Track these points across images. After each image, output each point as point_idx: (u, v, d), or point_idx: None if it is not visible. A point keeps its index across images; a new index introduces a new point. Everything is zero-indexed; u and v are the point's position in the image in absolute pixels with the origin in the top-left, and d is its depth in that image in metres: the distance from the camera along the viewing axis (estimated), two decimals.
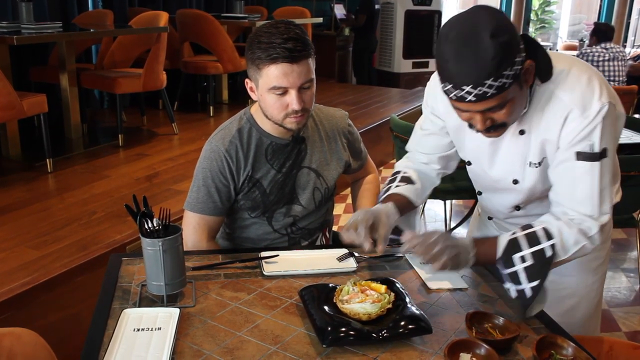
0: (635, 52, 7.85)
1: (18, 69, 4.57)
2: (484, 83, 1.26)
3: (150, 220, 1.41)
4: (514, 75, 1.28)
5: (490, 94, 1.28)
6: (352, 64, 8.59)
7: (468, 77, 1.27)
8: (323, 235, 1.97)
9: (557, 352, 1.24)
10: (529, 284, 1.37)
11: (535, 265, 1.37)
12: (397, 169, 1.79)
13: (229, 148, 1.74)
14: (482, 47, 1.24)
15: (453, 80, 1.30)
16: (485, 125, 1.38)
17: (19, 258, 2.56)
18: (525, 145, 1.49)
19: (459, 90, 1.30)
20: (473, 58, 1.25)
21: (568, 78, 1.40)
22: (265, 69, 1.60)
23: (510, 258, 1.40)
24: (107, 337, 1.27)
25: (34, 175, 3.72)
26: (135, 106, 5.53)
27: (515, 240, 1.41)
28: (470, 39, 1.26)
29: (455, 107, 1.39)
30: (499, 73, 1.25)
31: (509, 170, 1.56)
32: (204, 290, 1.49)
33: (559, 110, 1.40)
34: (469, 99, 1.30)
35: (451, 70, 1.29)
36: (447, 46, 1.29)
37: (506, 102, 1.32)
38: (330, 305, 1.34)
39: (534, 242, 1.39)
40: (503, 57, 1.24)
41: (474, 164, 1.65)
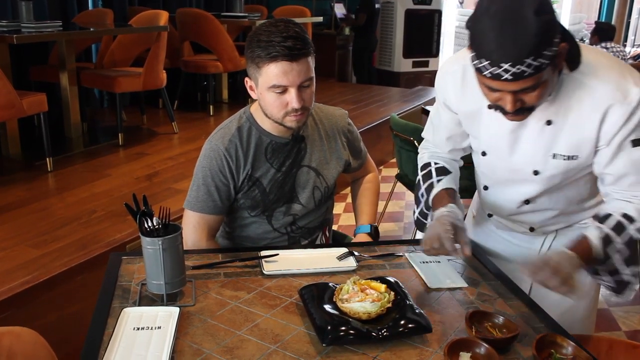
0: (636, 51, 7.85)
1: (18, 68, 4.57)
2: (524, 61, 1.22)
3: (150, 219, 1.41)
4: (551, 56, 1.24)
5: (527, 73, 1.23)
6: (352, 63, 8.59)
7: (508, 53, 1.22)
8: (323, 234, 1.97)
9: (557, 351, 1.23)
10: (627, 268, 1.42)
11: (630, 252, 1.42)
12: (425, 161, 1.77)
13: (229, 147, 1.74)
14: (526, 23, 1.19)
15: (491, 57, 1.24)
16: (515, 107, 1.33)
17: (19, 257, 2.56)
18: (551, 136, 1.46)
19: (496, 68, 1.24)
20: (515, 34, 1.20)
21: (599, 69, 1.38)
22: (264, 68, 1.60)
23: (606, 253, 1.41)
24: (107, 336, 1.27)
25: (33, 175, 3.72)
26: (135, 105, 5.53)
27: (606, 237, 1.41)
28: (513, 14, 1.21)
29: (486, 86, 1.33)
30: (539, 52, 1.21)
31: (530, 160, 1.52)
32: (203, 289, 1.49)
33: (595, 104, 1.37)
34: (505, 77, 1.25)
35: (490, 45, 1.23)
36: (487, 20, 1.24)
37: (540, 84, 1.28)
38: (330, 304, 1.34)
39: (622, 230, 1.41)
40: (545, 36, 1.21)
41: (490, 154, 1.60)
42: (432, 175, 1.70)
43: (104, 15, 5.07)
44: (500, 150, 1.57)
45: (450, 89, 1.58)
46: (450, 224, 1.49)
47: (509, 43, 1.21)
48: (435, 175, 1.70)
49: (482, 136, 1.60)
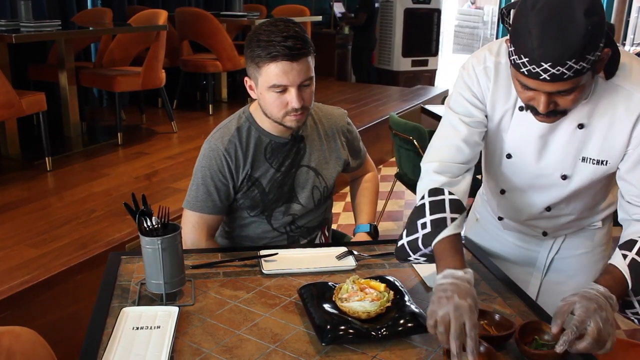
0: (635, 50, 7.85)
1: (17, 67, 4.56)
2: (566, 63, 1.15)
3: (149, 218, 1.41)
4: (593, 61, 1.18)
5: (567, 75, 1.17)
6: (351, 62, 8.59)
7: (551, 53, 1.16)
8: (322, 234, 1.97)
9: (540, 337, 1.25)
10: None
11: None
12: (435, 184, 1.45)
13: (228, 147, 1.74)
14: (574, 23, 1.13)
15: (532, 55, 1.18)
16: (548, 109, 1.26)
17: (18, 256, 2.56)
18: (582, 140, 1.40)
19: (535, 66, 1.18)
20: (561, 34, 1.14)
21: (632, 72, 1.32)
22: (264, 67, 1.60)
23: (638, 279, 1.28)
24: (106, 336, 1.27)
25: (33, 174, 3.72)
26: (134, 104, 5.53)
27: (634, 262, 1.29)
28: (561, 12, 1.15)
29: (521, 83, 1.27)
30: (583, 55, 1.15)
31: (559, 165, 1.45)
32: (203, 288, 1.49)
33: (629, 108, 1.32)
34: (543, 77, 1.19)
35: (533, 43, 1.17)
36: (532, 16, 1.17)
37: (576, 88, 1.22)
38: (330, 304, 1.34)
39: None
40: (591, 39, 1.14)
41: (516, 157, 1.50)
42: (446, 208, 1.40)
43: (103, 14, 5.06)
44: (527, 154, 1.48)
45: (483, 85, 1.46)
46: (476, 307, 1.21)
47: (552, 42, 1.15)
48: (449, 210, 1.39)
49: (509, 138, 1.50)
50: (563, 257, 1.68)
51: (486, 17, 15.39)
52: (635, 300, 1.29)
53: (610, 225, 1.70)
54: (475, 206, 1.89)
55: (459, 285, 1.23)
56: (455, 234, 1.37)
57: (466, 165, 1.49)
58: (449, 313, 1.16)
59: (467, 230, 1.91)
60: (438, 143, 1.52)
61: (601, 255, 1.68)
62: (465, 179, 1.48)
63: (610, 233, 1.71)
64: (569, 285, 1.64)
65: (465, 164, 1.48)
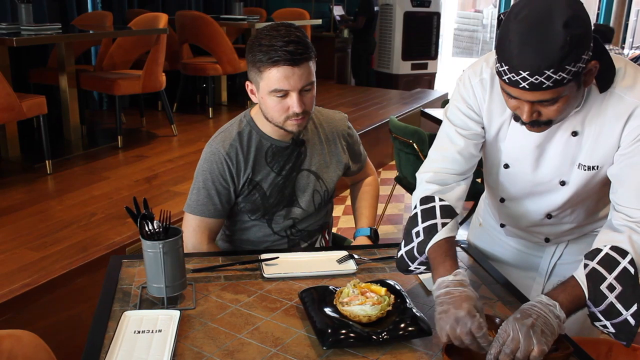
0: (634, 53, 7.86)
1: (17, 70, 4.57)
2: (544, 72, 1.18)
3: (150, 222, 1.41)
4: (575, 73, 1.19)
5: (546, 85, 1.19)
6: (350, 65, 8.60)
7: (529, 62, 1.18)
8: (322, 237, 1.97)
9: None
10: (627, 311, 1.24)
11: (626, 290, 1.24)
12: (427, 192, 1.49)
13: (229, 151, 1.74)
14: (552, 34, 1.16)
15: (511, 63, 1.20)
16: (531, 118, 1.28)
17: (19, 260, 2.56)
18: (577, 146, 1.41)
19: (514, 74, 1.21)
20: (539, 44, 1.17)
21: (625, 77, 1.33)
22: (266, 72, 1.60)
23: (599, 291, 1.25)
24: (108, 340, 1.27)
25: (33, 177, 3.72)
26: (134, 107, 5.53)
27: (594, 271, 1.27)
28: (541, 23, 1.17)
29: (505, 92, 1.29)
30: (561, 66, 1.17)
31: (557, 171, 1.46)
32: (204, 292, 1.50)
33: (620, 109, 1.32)
34: (522, 85, 1.21)
35: (512, 51, 1.20)
36: (514, 25, 1.20)
37: (559, 98, 1.24)
38: (331, 308, 1.35)
39: (613, 265, 1.26)
40: (570, 50, 1.16)
41: (514, 167, 1.52)
42: (436, 215, 1.44)
43: (104, 17, 5.07)
44: (524, 163, 1.49)
45: (479, 96, 1.48)
46: (475, 307, 1.24)
47: (530, 51, 1.18)
48: (439, 216, 1.44)
49: (506, 148, 1.51)
50: (565, 262, 1.68)
51: (485, 21, 15.41)
52: (597, 312, 1.27)
53: None
54: (479, 211, 1.90)
55: (452, 292, 1.27)
56: (447, 237, 1.41)
57: (461, 175, 1.52)
58: (453, 327, 1.21)
59: (470, 235, 1.92)
60: (434, 154, 1.56)
61: None
62: (460, 186, 1.51)
63: None
64: None
65: (459, 175, 1.52)
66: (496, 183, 1.61)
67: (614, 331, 1.26)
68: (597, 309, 1.26)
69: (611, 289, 1.25)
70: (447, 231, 1.41)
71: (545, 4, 1.19)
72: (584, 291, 1.27)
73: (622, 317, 1.25)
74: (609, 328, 1.27)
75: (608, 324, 1.26)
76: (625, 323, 1.24)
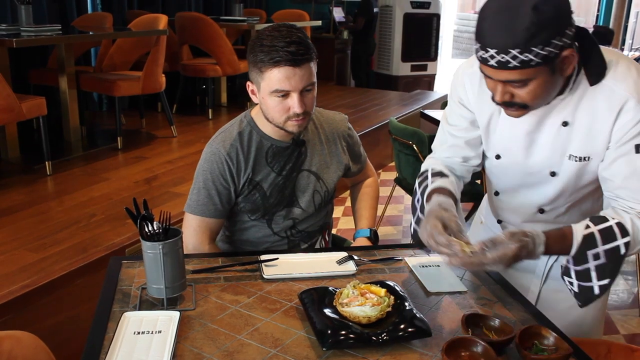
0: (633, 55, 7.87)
1: (17, 71, 4.57)
2: (509, 52, 1.22)
3: (150, 223, 1.41)
4: (544, 56, 1.23)
5: (512, 65, 1.24)
6: (350, 66, 8.61)
7: (495, 40, 1.24)
8: (322, 238, 1.97)
9: (540, 342, 1.26)
10: (598, 282, 1.32)
11: (608, 264, 1.31)
12: (423, 169, 1.67)
13: (230, 151, 1.75)
14: (520, 14, 1.20)
15: (482, 40, 1.27)
16: (503, 99, 1.33)
17: (19, 261, 2.56)
18: (567, 137, 1.43)
19: (484, 52, 1.27)
20: (506, 23, 1.22)
21: (618, 69, 1.35)
22: (267, 72, 1.61)
23: (584, 255, 1.33)
24: (107, 341, 1.27)
25: (33, 178, 3.72)
26: (134, 109, 5.54)
27: (590, 236, 1.33)
28: (512, 4, 1.22)
29: (482, 71, 1.34)
30: (526, 47, 1.21)
31: (547, 162, 1.49)
32: (204, 293, 1.50)
33: (612, 101, 1.34)
34: (491, 63, 1.27)
35: (483, 29, 1.27)
36: (490, 3, 1.27)
37: (529, 81, 1.28)
38: (330, 309, 1.35)
39: (610, 238, 1.32)
40: (536, 32, 1.20)
41: (505, 157, 1.56)
42: (428, 178, 1.61)
43: (103, 19, 5.08)
44: (515, 153, 1.53)
45: (468, 89, 1.55)
46: (438, 218, 1.38)
47: (497, 30, 1.24)
48: (430, 178, 1.60)
49: (497, 138, 1.56)
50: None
51: None
52: (572, 270, 1.34)
53: None
54: (481, 209, 1.92)
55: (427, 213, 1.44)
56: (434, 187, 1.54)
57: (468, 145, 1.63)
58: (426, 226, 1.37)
59: (471, 233, 1.93)
60: (434, 147, 1.72)
61: None
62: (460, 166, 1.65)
63: None
64: (568, 293, 1.64)
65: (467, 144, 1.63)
66: (490, 176, 1.67)
67: (577, 291, 1.35)
68: (574, 267, 1.35)
69: (596, 257, 1.32)
70: (435, 184, 1.55)
71: None
72: (572, 247, 1.34)
73: (590, 284, 1.33)
74: (574, 286, 1.35)
75: (575, 284, 1.35)
76: (590, 289, 1.33)
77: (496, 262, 1.28)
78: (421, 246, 1.61)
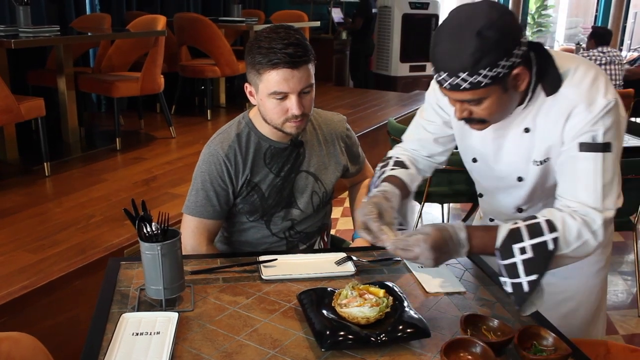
0: (632, 55, 7.88)
1: (15, 72, 4.57)
2: (458, 75, 1.28)
3: (149, 224, 1.41)
4: (493, 77, 1.28)
5: (463, 87, 1.30)
6: (349, 67, 8.60)
7: (445, 65, 1.30)
8: (321, 239, 1.97)
9: (539, 342, 1.26)
10: (526, 277, 1.32)
11: (535, 259, 1.32)
12: (388, 155, 1.76)
13: (228, 152, 1.74)
14: (464, 40, 1.26)
15: (435, 64, 1.33)
16: (462, 116, 1.39)
17: (17, 262, 2.56)
18: (530, 143, 1.48)
19: (438, 75, 1.33)
20: (454, 48, 1.28)
21: (574, 76, 1.39)
22: (265, 74, 1.61)
23: (509, 248, 1.34)
24: (106, 342, 1.27)
25: (31, 179, 3.72)
26: (132, 110, 5.53)
27: (516, 230, 1.35)
28: (458, 30, 1.28)
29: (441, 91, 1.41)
30: (474, 70, 1.26)
31: (514, 167, 1.55)
32: (202, 294, 1.50)
33: (563, 106, 1.39)
34: (444, 85, 1.33)
35: (435, 53, 1.32)
36: (441, 29, 1.32)
37: (483, 99, 1.33)
38: (329, 309, 1.35)
39: (537, 233, 1.34)
40: (481, 57, 1.25)
41: (480, 161, 1.63)
42: (388, 165, 1.69)
43: (102, 19, 5.07)
44: (487, 157, 1.59)
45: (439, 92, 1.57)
46: (376, 206, 1.46)
47: (446, 55, 1.30)
48: (390, 165, 1.68)
49: (472, 142, 1.61)
50: None
51: None
52: (501, 266, 1.35)
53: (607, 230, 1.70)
54: (479, 210, 1.94)
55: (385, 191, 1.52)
56: (389, 175, 1.63)
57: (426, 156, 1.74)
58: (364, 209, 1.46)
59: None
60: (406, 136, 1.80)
61: (595, 258, 1.68)
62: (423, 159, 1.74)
63: (609, 237, 1.71)
64: (560, 287, 1.66)
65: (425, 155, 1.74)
66: (472, 177, 1.73)
67: (511, 291, 1.35)
68: (501, 261, 1.35)
69: (522, 251, 1.33)
70: (393, 172, 1.63)
71: (468, 12, 1.29)
72: (497, 239, 1.36)
73: (519, 280, 1.33)
74: (507, 286, 1.35)
75: (508, 282, 1.35)
76: (520, 287, 1.33)
77: (419, 244, 1.33)
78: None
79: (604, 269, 1.71)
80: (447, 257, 1.37)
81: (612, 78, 5.86)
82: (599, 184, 1.37)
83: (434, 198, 3.40)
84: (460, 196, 3.43)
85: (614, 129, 1.38)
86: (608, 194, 1.38)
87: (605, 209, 1.37)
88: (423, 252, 1.33)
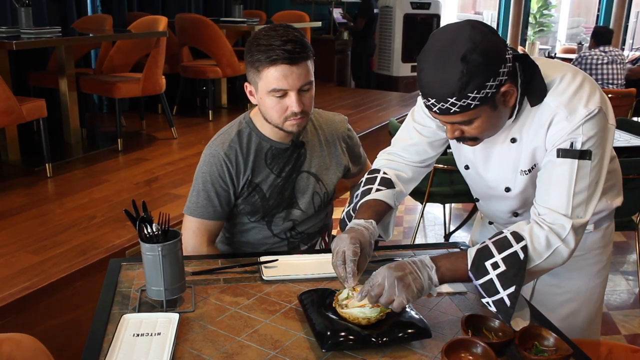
0: (634, 55, 7.86)
1: (17, 73, 4.57)
2: (447, 100, 1.27)
3: (149, 225, 1.41)
4: (481, 98, 1.27)
5: (453, 110, 1.29)
6: (350, 67, 8.60)
7: (432, 91, 1.29)
8: (322, 240, 1.97)
9: (540, 343, 1.26)
10: (505, 291, 1.30)
11: (509, 271, 1.30)
12: (375, 166, 1.72)
13: (229, 152, 1.74)
14: (450, 67, 1.25)
15: (422, 90, 1.32)
16: (454, 135, 1.39)
17: (19, 263, 2.56)
18: (517, 153, 1.48)
19: (427, 100, 1.31)
20: (439, 75, 1.26)
21: (559, 85, 1.39)
22: (264, 71, 1.61)
23: (482, 265, 1.32)
24: (107, 343, 1.27)
25: (33, 180, 3.72)
26: (134, 110, 5.54)
27: (485, 248, 1.34)
28: (443, 56, 1.26)
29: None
30: (462, 95, 1.25)
31: (502, 177, 1.55)
32: (203, 295, 1.50)
33: (545, 114, 1.39)
34: (434, 109, 1.32)
35: (422, 80, 1.31)
36: (425, 54, 1.31)
37: (474, 120, 1.33)
38: (330, 310, 1.34)
39: (505, 246, 1.32)
40: (468, 81, 1.24)
41: (472, 168, 1.63)
42: (375, 183, 1.64)
43: (103, 20, 5.07)
44: (477, 165, 1.60)
45: None
46: (360, 246, 1.44)
47: (433, 82, 1.28)
48: (376, 184, 1.64)
49: (464, 150, 1.61)
50: None
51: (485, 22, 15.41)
52: (478, 286, 1.33)
53: (607, 230, 1.70)
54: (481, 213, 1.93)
55: (355, 229, 1.49)
56: (376, 199, 1.60)
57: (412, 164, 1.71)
58: (337, 244, 1.45)
59: (473, 231, 1.99)
60: (395, 139, 1.76)
61: (596, 258, 1.68)
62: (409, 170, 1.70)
63: (609, 237, 1.71)
64: (562, 288, 1.66)
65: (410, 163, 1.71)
66: (467, 183, 1.73)
67: (495, 309, 1.32)
68: (477, 281, 1.33)
69: (495, 266, 1.31)
70: (378, 195, 1.60)
71: (451, 37, 1.27)
72: (467, 263, 1.34)
73: (499, 296, 1.30)
74: (490, 306, 1.33)
75: (490, 301, 1.32)
76: (502, 302, 1.30)
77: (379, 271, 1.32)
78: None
79: (604, 270, 1.71)
80: (412, 277, 1.31)
81: (614, 78, 5.85)
82: (572, 190, 1.35)
83: (435, 198, 3.40)
84: (461, 196, 3.43)
85: (597, 137, 1.35)
86: (581, 202, 1.35)
87: (575, 216, 1.35)
88: (382, 272, 1.31)
